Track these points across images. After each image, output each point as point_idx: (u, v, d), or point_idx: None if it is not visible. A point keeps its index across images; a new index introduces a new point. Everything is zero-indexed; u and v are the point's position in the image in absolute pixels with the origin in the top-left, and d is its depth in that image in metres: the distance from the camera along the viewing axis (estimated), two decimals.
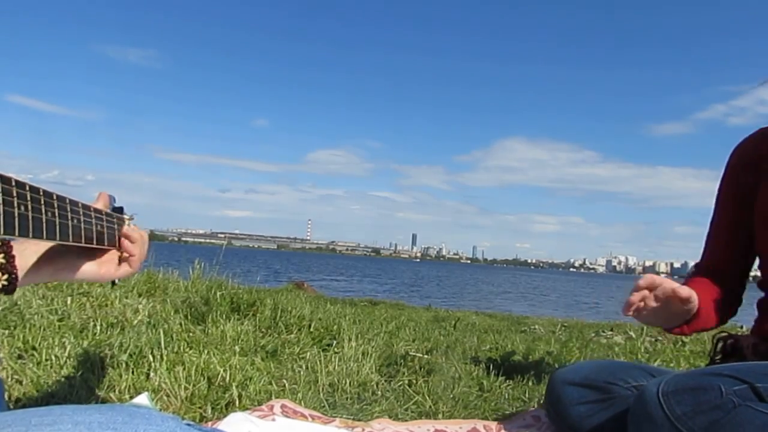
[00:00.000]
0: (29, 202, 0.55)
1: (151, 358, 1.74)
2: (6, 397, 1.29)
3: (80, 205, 0.69)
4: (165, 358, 1.76)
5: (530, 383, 2.00)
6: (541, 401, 1.69)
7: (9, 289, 0.69)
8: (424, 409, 1.71)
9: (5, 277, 0.69)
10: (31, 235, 0.56)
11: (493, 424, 1.59)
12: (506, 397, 1.89)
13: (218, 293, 2.68)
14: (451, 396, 1.80)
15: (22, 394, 1.47)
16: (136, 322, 2.20)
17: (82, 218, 0.69)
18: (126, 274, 0.82)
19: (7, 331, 1.84)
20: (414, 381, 1.92)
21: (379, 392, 1.82)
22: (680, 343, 3.24)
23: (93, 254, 0.78)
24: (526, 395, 1.89)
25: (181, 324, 2.28)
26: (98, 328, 2.01)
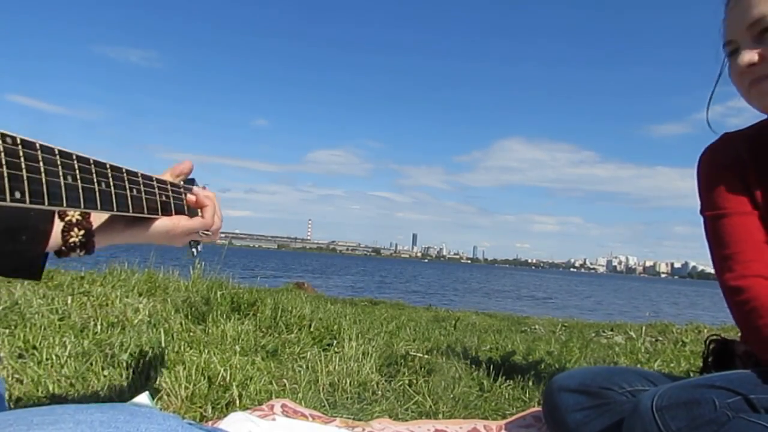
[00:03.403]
0: (77, 172, 0.55)
1: (151, 358, 1.74)
2: (6, 396, 1.29)
3: (140, 175, 0.69)
4: (165, 357, 1.77)
5: (530, 383, 2.00)
6: (541, 402, 1.69)
7: (87, 246, 0.72)
8: (424, 409, 1.71)
9: (81, 233, 0.72)
10: (83, 206, 0.56)
11: (494, 424, 1.59)
12: (506, 397, 1.89)
13: (219, 293, 2.68)
14: (452, 396, 1.80)
15: (22, 394, 1.47)
16: (136, 321, 2.20)
17: (142, 188, 0.69)
18: (200, 225, 0.80)
19: (7, 330, 1.85)
20: (414, 381, 1.92)
21: (380, 392, 1.83)
22: (680, 343, 3.24)
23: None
24: (527, 395, 1.89)
25: (181, 323, 2.28)
26: (99, 327, 2.01)
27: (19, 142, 0.48)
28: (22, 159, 0.48)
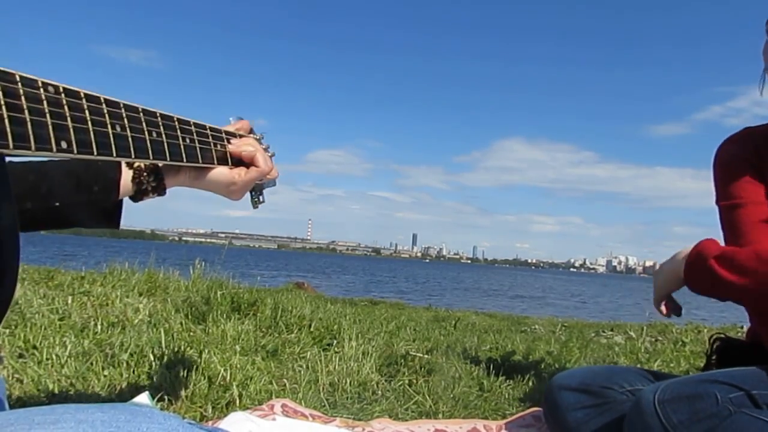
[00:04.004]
0: (125, 121, 0.55)
1: (151, 358, 1.74)
2: (7, 396, 1.29)
3: (192, 124, 0.70)
4: (165, 357, 1.77)
5: (530, 383, 2.00)
6: (541, 402, 1.69)
7: (159, 189, 0.76)
8: (424, 409, 1.71)
9: (152, 177, 0.75)
10: (133, 155, 0.56)
11: (494, 424, 1.60)
12: (506, 397, 1.89)
13: (219, 293, 2.68)
14: (452, 396, 1.81)
15: (23, 393, 1.47)
16: (136, 321, 2.20)
17: (195, 137, 0.69)
18: (258, 175, 0.81)
19: (8, 330, 1.85)
20: (414, 381, 1.92)
21: (380, 392, 1.83)
22: (680, 343, 3.24)
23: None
24: (527, 395, 1.89)
25: (181, 323, 2.28)
26: (99, 327, 2.01)
27: (62, 90, 0.47)
28: (66, 108, 0.47)
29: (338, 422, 1.51)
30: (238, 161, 0.80)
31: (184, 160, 0.66)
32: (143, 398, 1.37)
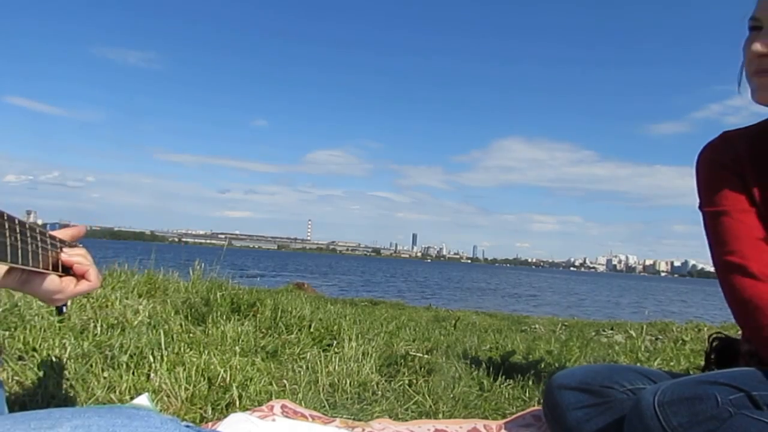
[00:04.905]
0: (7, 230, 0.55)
1: (151, 359, 1.74)
2: (7, 398, 1.29)
3: (38, 230, 0.69)
4: (165, 358, 1.76)
5: (530, 383, 2.00)
6: (542, 401, 1.69)
7: None
8: (424, 409, 1.71)
9: None
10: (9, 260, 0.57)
11: (494, 424, 1.59)
12: (506, 396, 1.89)
13: (218, 294, 2.68)
14: (452, 396, 1.80)
15: (22, 396, 1.47)
16: (136, 323, 2.20)
17: (39, 244, 0.69)
18: (87, 289, 0.81)
19: (7, 333, 1.84)
20: (414, 381, 1.92)
21: (380, 392, 1.83)
22: (680, 342, 3.25)
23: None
24: (527, 395, 1.89)
25: (181, 325, 2.28)
26: (98, 329, 2.01)
27: None
28: None
29: (338, 423, 1.51)
30: (66, 270, 0.79)
31: (20, 262, 0.63)
32: (143, 400, 1.37)
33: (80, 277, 0.80)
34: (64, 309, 0.88)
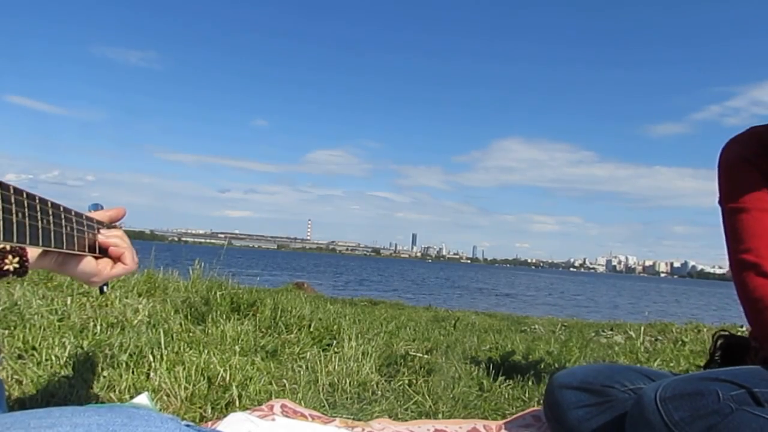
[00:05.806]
0: (26, 209, 0.55)
1: (151, 358, 1.74)
2: (6, 397, 1.29)
3: (73, 213, 0.69)
4: (165, 358, 1.76)
5: (530, 383, 2.00)
6: (541, 401, 1.69)
7: (21, 272, 0.73)
8: (424, 409, 1.71)
9: (16, 259, 0.72)
10: (28, 242, 0.56)
11: (493, 424, 1.59)
12: (506, 396, 1.89)
13: (218, 293, 2.68)
14: (451, 396, 1.80)
15: (22, 394, 1.47)
16: (136, 322, 2.20)
17: (75, 226, 0.69)
18: (123, 272, 0.81)
19: (7, 331, 1.84)
20: (414, 381, 1.92)
21: (379, 392, 1.83)
22: (680, 342, 3.24)
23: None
24: (526, 395, 1.89)
25: (181, 324, 2.28)
26: (98, 328, 2.01)
27: None
28: None
29: (338, 422, 1.50)
30: (103, 251, 0.78)
31: (53, 245, 0.63)
32: (143, 399, 1.37)
33: (116, 259, 0.80)
34: (105, 289, 0.88)
